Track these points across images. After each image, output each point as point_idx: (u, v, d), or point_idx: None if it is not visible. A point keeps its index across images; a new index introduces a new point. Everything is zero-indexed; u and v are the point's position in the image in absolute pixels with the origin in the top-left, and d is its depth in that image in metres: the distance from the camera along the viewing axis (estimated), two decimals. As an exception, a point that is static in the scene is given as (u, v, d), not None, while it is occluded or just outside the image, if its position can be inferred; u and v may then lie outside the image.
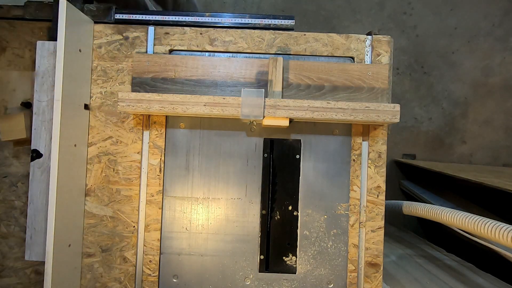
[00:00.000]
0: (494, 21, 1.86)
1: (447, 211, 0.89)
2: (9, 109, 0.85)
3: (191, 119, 0.85)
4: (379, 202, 0.84)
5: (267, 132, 0.85)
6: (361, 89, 0.84)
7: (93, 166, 0.84)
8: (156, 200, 0.84)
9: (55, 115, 0.72)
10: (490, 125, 1.84)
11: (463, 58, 1.86)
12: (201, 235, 0.85)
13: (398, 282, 0.98)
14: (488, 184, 1.07)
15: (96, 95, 0.85)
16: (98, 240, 0.84)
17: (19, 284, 0.85)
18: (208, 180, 0.85)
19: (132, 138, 0.85)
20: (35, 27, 0.87)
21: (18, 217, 0.85)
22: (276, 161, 0.85)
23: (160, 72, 0.83)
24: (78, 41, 0.79)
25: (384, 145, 0.85)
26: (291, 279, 0.84)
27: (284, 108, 0.75)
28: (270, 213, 0.84)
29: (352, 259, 0.84)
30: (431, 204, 0.99)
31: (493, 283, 0.99)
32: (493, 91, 1.85)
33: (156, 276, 0.83)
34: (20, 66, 0.86)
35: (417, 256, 1.18)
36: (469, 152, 1.84)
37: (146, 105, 0.76)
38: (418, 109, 1.85)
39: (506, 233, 0.72)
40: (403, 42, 1.88)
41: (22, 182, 0.85)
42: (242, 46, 0.86)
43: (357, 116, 0.75)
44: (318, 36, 0.86)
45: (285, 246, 0.84)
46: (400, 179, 1.84)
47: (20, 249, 0.85)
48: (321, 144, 0.85)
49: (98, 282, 0.84)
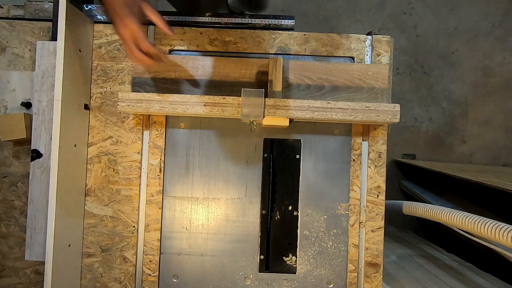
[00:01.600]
0: (494, 21, 1.86)
1: (447, 211, 0.88)
2: (9, 109, 0.85)
3: (191, 119, 0.85)
4: (379, 202, 0.84)
5: (267, 132, 0.85)
6: (361, 89, 0.84)
7: (93, 166, 0.84)
8: (156, 200, 0.84)
9: (55, 115, 0.72)
10: (490, 125, 1.84)
11: (463, 58, 1.86)
12: (201, 235, 0.85)
13: (398, 282, 0.98)
14: (488, 184, 1.07)
15: (96, 95, 0.85)
16: (98, 240, 0.84)
17: (19, 284, 0.85)
18: (208, 180, 0.85)
19: (132, 138, 0.85)
20: (35, 27, 0.87)
21: (18, 217, 0.85)
22: (276, 161, 0.85)
23: (160, 72, 0.83)
24: (78, 41, 0.79)
25: (384, 145, 0.85)
26: (291, 279, 0.84)
27: (284, 108, 0.75)
28: (270, 213, 0.84)
29: (352, 259, 0.84)
30: (431, 204, 0.99)
31: (493, 283, 0.99)
32: (493, 91, 1.85)
33: (156, 276, 0.83)
34: (20, 66, 0.87)
35: (417, 256, 1.18)
36: (469, 152, 1.84)
37: (146, 105, 0.76)
38: (418, 109, 1.85)
39: (506, 233, 0.72)
40: (403, 42, 1.88)
41: (22, 182, 0.85)
42: (242, 46, 0.86)
43: (357, 116, 0.75)
44: (318, 36, 0.86)
45: (285, 246, 0.84)
46: (400, 179, 1.84)
47: (20, 249, 0.85)
48: (321, 144, 0.85)
49: (98, 282, 0.84)
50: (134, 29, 0.65)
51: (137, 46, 0.66)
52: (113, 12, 0.65)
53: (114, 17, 0.65)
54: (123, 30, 0.65)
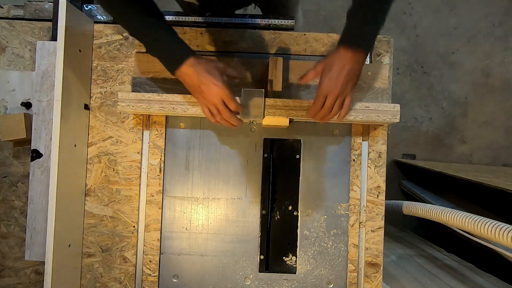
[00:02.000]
0: (494, 21, 1.86)
1: (447, 211, 0.88)
2: (9, 109, 0.85)
3: (191, 119, 0.85)
4: (379, 202, 0.84)
5: (267, 132, 0.85)
6: (361, 89, 0.84)
7: (93, 166, 0.84)
8: (156, 200, 0.84)
9: (55, 115, 0.72)
10: (490, 125, 1.84)
11: (463, 58, 1.86)
12: (201, 235, 0.85)
13: (398, 282, 0.98)
14: (488, 184, 1.07)
15: (96, 95, 0.85)
16: (98, 240, 0.84)
17: (19, 284, 0.85)
18: (208, 180, 0.85)
19: (132, 138, 0.85)
20: (35, 27, 0.87)
21: (18, 217, 0.85)
22: (276, 161, 0.85)
23: (160, 72, 0.83)
24: (78, 41, 0.79)
25: (384, 145, 0.85)
26: (291, 279, 0.84)
27: (284, 108, 0.75)
28: (270, 213, 0.84)
29: (352, 259, 0.84)
30: (431, 204, 0.99)
31: (493, 283, 0.99)
32: (493, 91, 1.85)
33: (156, 276, 0.83)
34: (20, 66, 0.87)
35: (417, 256, 1.18)
36: (469, 152, 1.84)
37: (146, 105, 0.76)
38: (418, 109, 1.85)
39: (506, 233, 0.72)
40: (403, 42, 1.88)
41: (22, 182, 0.85)
42: (242, 46, 0.86)
43: (357, 116, 0.75)
44: (318, 36, 0.86)
45: (285, 246, 0.84)
46: (400, 179, 1.84)
47: (20, 249, 0.85)
48: (321, 144, 0.85)
49: (98, 282, 0.84)
50: (223, 90, 0.66)
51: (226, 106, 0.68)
52: (196, 86, 0.67)
53: (198, 89, 0.67)
54: (212, 97, 0.67)
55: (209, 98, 0.67)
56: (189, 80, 0.67)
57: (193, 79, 0.66)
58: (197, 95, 0.69)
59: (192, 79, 0.67)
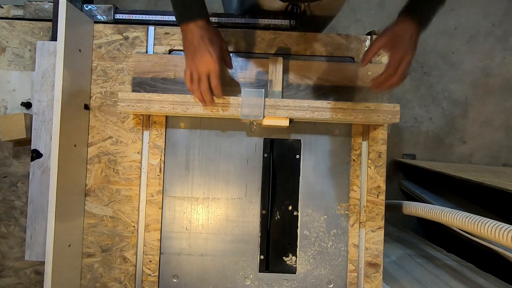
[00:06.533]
0: (494, 21, 1.85)
1: (447, 211, 0.88)
2: (9, 109, 0.85)
3: (191, 119, 0.85)
4: (379, 202, 0.84)
5: (267, 132, 0.85)
6: (361, 89, 0.84)
7: (93, 166, 0.84)
8: (156, 200, 0.84)
9: (55, 115, 0.72)
10: (490, 125, 1.84)
11: (463, 58, 1.86)
12: (201, 235, 0.85)
13: (398, 282, 0.98)
14: (488, 184, 1.07)
15: (96, 95, 0.85)
16: (98, 240, 0.84)
17: (19, 284, 0.85)
18: (208, 180, 0.85)
19: (132, 138, 0.85)
20: (35, 27, 0.87)
21: (18, 217, 0.85)
22: (276, 161, 0.85)
23: (160, 72, 0.83)
24: (78, 41, 0.79)
25: (384, 145, 0.85)
26: (291, 279, 0.84)
27: (284, 108, 0.75)
28: (270, 213, 0.84)
29: (352, 259, 0.84)
30: (431, 204, 0.98)
31: (493, 283, 0.99)
32: (493, 91, 1.85)
33: (156, 276, 0.83)
34: (20, 66, 0.87)
35: (417, 256, 1.18)
36: (469, 152, 1.84)
37: (146, 105, 0.76)
38: (418, 109, 1.85)
39: (506, 233, 0.72)
40: (403, 42, 1.87)
41: (22, 182, 0.85)
42: (242, 46, 0.86)
43: (357, 116, 0.75)
44: (318, 36, 0.86)
45: (285, 246, 0.84)
46: (400, 179, 1.84)
47: (20, 249, 0.85)
48: (321, 144, 0.85)
49: (98, 282, 0.84)
50: (214, 64, 0.67)
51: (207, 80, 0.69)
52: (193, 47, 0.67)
53: (193, 51, 0.67)
54: (201, 64, 0.67)
55: (198, 63, 0.67)
56: (190, 38, 0.67)
57: (194, 39, 0.66)
58: (189, 56, 0.69)
59: (193, 38, 0.66)
